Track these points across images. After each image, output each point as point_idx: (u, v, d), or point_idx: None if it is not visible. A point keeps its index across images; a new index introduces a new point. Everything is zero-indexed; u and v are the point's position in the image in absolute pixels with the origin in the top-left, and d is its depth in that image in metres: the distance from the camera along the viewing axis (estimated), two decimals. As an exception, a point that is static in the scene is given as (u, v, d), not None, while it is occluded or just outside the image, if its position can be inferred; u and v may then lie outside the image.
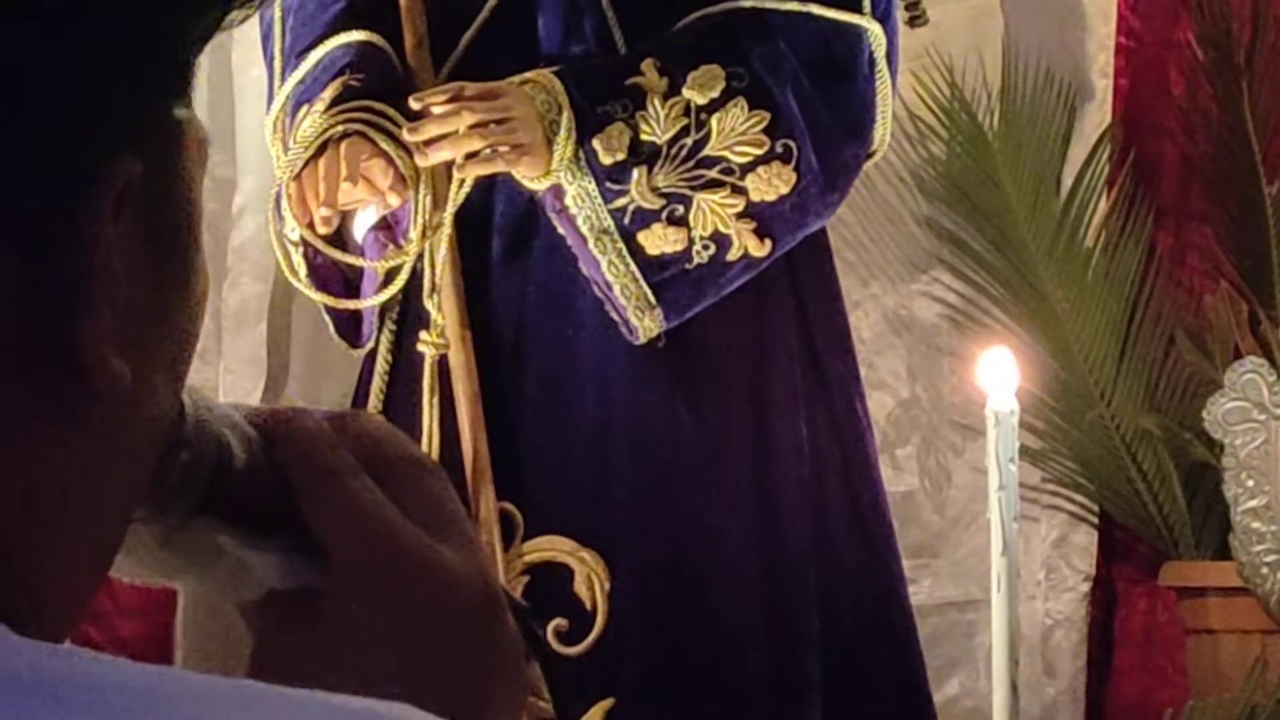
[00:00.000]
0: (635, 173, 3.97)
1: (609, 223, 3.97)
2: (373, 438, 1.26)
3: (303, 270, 4.04)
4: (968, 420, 4.21)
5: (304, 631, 1.22)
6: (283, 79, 4.10)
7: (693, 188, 3.98)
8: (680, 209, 3.97)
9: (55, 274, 1.07)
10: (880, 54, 4.04)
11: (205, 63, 3.53)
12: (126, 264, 1.08)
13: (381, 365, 4.11)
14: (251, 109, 4.33)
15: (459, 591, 1.22)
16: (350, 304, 4.09)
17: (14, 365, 1.06)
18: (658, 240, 3.97)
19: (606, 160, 3.97)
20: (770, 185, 3.98)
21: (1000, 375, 3.81)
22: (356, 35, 4.06)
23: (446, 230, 4.01)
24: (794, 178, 3.98)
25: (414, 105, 3.96)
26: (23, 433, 1.08)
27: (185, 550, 1.24)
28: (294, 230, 4.02)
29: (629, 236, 3.97)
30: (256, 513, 1.24)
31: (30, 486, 1.08)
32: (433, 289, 4.01)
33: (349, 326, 4.15)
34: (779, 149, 3.98)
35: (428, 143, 3.96)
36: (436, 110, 3.96)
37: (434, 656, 1.17)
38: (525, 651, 1.24)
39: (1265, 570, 4.06)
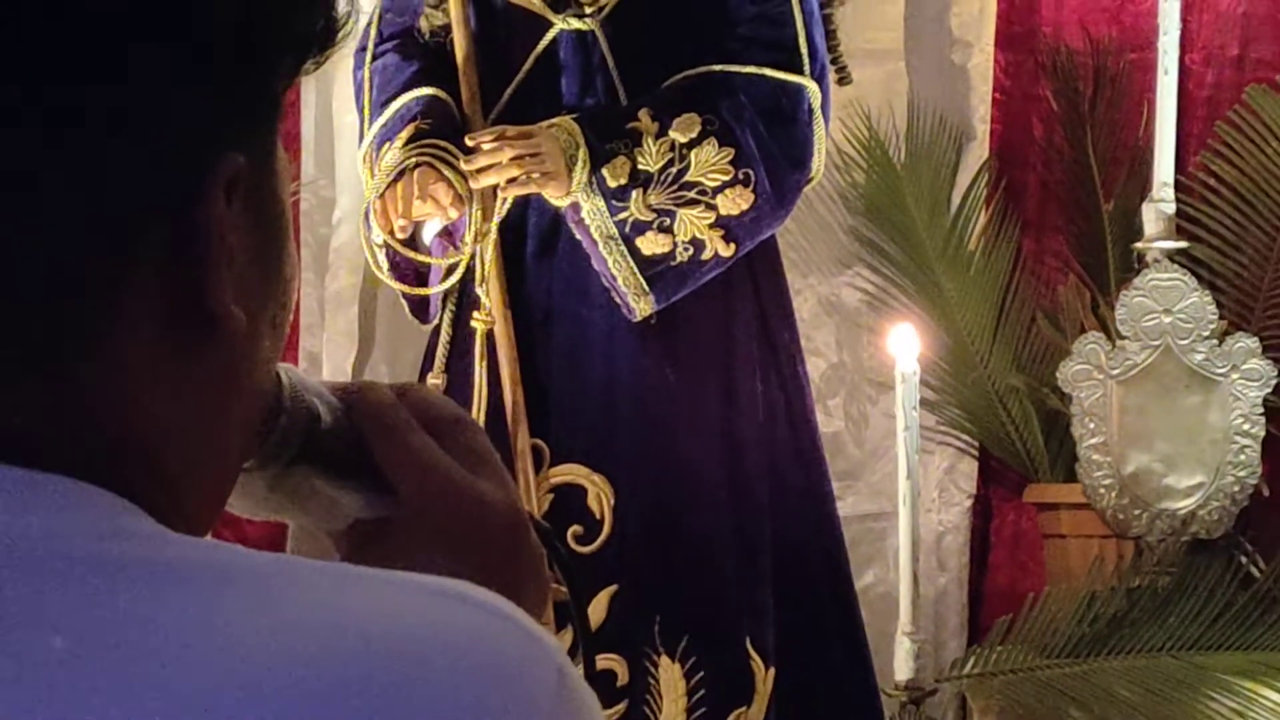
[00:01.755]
0: (634, 194, 3.93)
1: (614, 231, 3.93)
2: (426, 401, 1.27)
3: (385, 266, 4.01)
4: (881, 378, 4.17)
5: (380, 549, 1.22)
6: (371, 123, 4.07)
7: (676, 205, 3.94)
8: (667, 220, 3.94)
9: (187, 242, 1.04)
10: (816, 105, 3.98)
11: (313, 110, 3.46)
12: (238, 240, 1.05)
13: (444, 337, 4.07)
14: (347, 145, 4.29)
15: (495, 515, 1.23)
16: (420, 291, 4.06)
17: (158, 317, 1.04)
18: (651, 244, 3.93)
19: (612, 184, 3.93)
20: (734, 203, 3.94)
21: (905, 345, 3.78)
22: (425, 90, 4.03)
23: (492, 236, 3.98)
24: (752, 198, 3.94)
25: (469, 143, 3.92)
26: (166, 371, 1.05)
27: (288, 492, 1.25)
28: (379, 236, 3.98)
29: (629, 241, 3.93)
30: (340, 461, 1.24)
31: (174, 414, 1.05)
32: (482, 279, 3.98)
33: (420, 308, 4.11)
34: (741, 176, 3.94)
35: (479, 171, 3.91)
36: (485, 146, 3.91)
37: (478, 563, 1.14)
38: (545, 557, 1.25)
39: (1103, 490, 4.07)
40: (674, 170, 3.96)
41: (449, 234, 4.04)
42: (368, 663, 0.96)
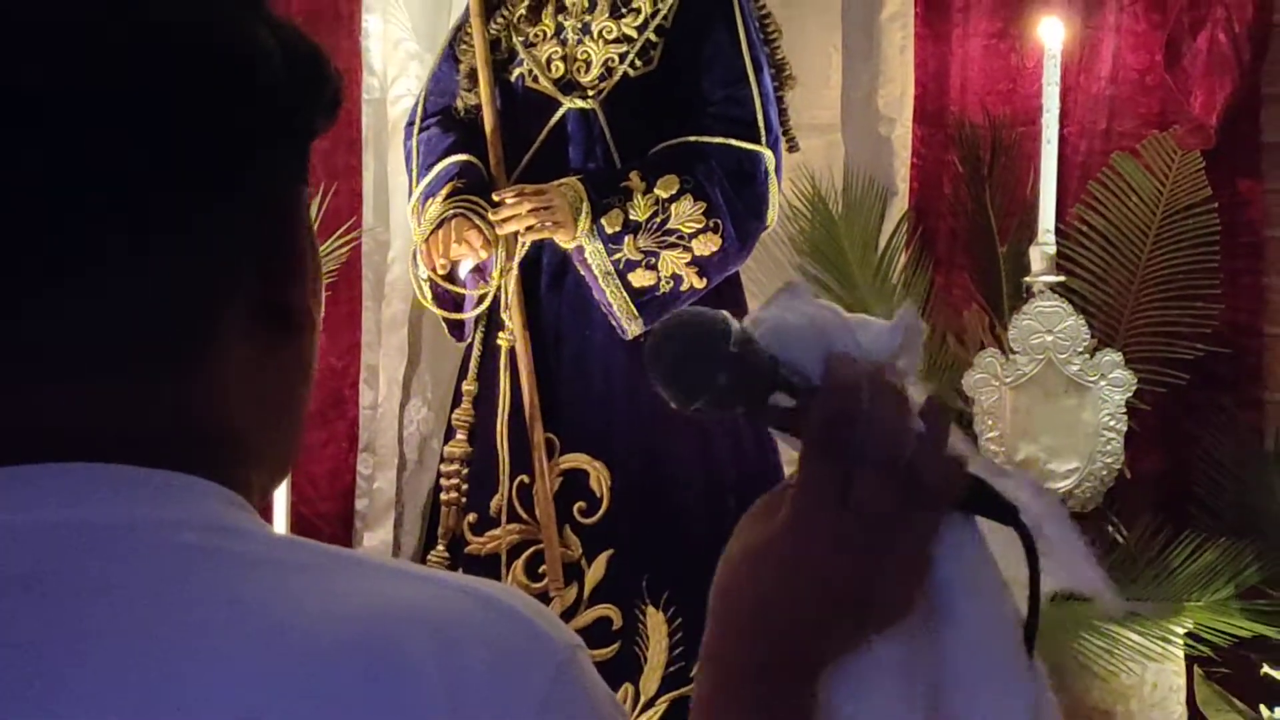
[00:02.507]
0: (626, 238, 3.98)
1: (611, 268, 3.98)
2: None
3: (429, 296, 4.08)
4: None
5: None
6: (418, 182, 4.10)
7: (660, 247, 3.99)
8: (653, 260, 3.99)
9: (277, 261, 1.06)
10: (771, 168, 4.02)
11: (372, 172, 3.49)
12: (310, 252, 1.08)
13: (476, 352, 4.11)
14: (399, 200, 4.29)
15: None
16: (457, 315, 4.10)
17: (250, 321, 1.04)
18: (640, 278, 3.99)
19: (609, 231, 3.98)
20: (706, 246, 3.99)
21: None
22: (461, 156, 4.09)
23: (514, 272, 4.03)
24: (720, 242, 3.98)
25: (495, 198, 3.97)
26: (255, 365, 1.05)
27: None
28: (424, 272, 4.05)
29: (623, 276, 3.99)
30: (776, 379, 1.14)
31: (259, 395, 1.05)
32: (506, 306, 4.05)
33: (456, 329, 4.14)
34: (711, 225, 3.98)
35: (503, 220, 3.95)
36: (508, 201, 3.96)
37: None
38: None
39: None
40: (658, 220, 3.98)
41: (480, 270, 4.06)
42: (402, 634, 0.96)
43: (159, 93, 1.00)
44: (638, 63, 4.11)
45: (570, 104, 4.11)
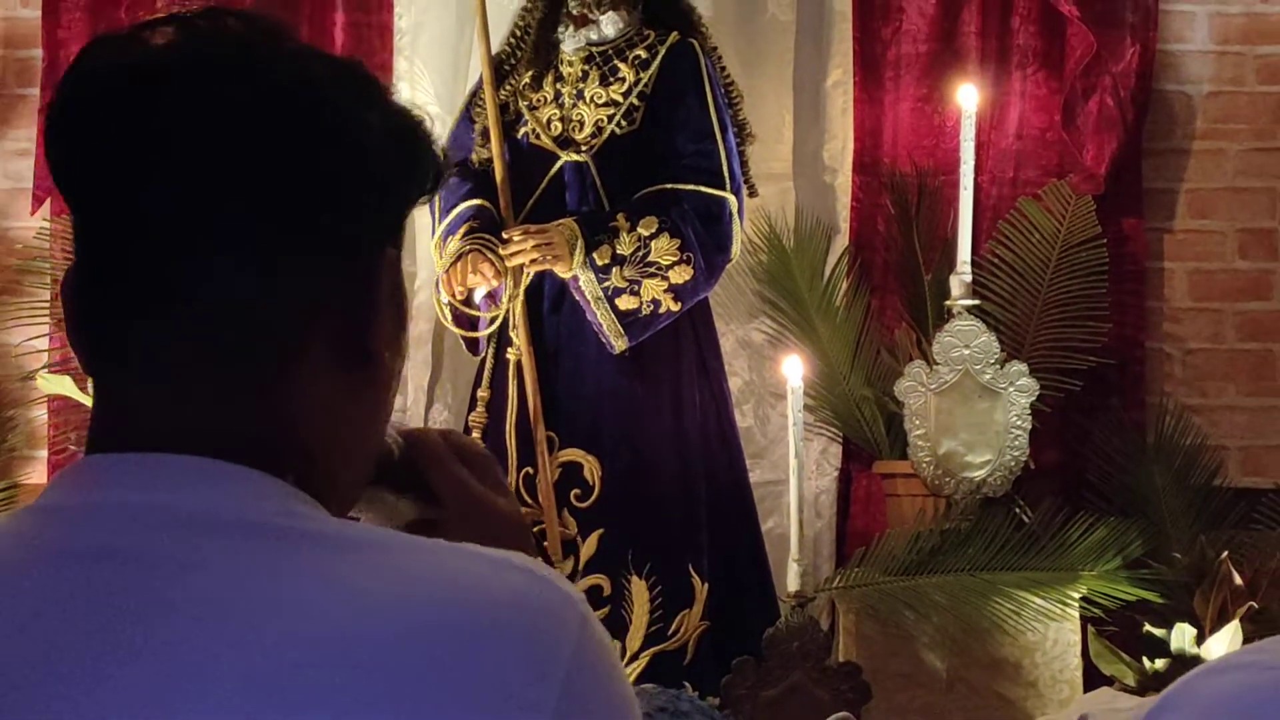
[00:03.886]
0: (614, 270, 3.97)
1: (601, 294, 3.98)
2: (460, 441, 1.23)
3: (449, 317, 4.06)
4: (778, 391, 4.12)
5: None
6: (439, 222, 4.08)
7: (642, 276, 3.97)
8: (636, 287, 3.98)
9: (360, 306, 1.05)
10: (734, 211, 4.01)
11: None
12: (389, 305, 1.06)
13: (489, 364, 4.10)
14: (423, 237, 4.27)
15: (504, 518, 1.20)
16: (472, 334, 4.08)
17: (337, 359, 1.04)
18: (625, 303, 3.98)
19: (600, 263, 3.98)
20: (681, 275, 3.98)
21: (793, 370, 3.82)
22: (475, 201, 4.07)
23: (520, 298, 4.02)
24: (692, 272, 3.98)
25: (505, 236, 3.97)
26: (331, 395, 1.05)
27: (367, 499, 1.19)
28: (445, 298, 4.03)
29: (611, 301, 3.98)
30: (402, 479, 1.20)
31: (338, 430, 1.06)
32: (514, 326, 4.03)
33: (472, 345, 4.12)
34: (685, 258, 3.98)
35: (511, 255, 3.96)
36: (515, 239, 3.96)
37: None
38: (536, 541, 1.27)
39: (925, 464, 4.08)
40: (640, 254, 3.98)
41: (492, 296, 4.05)
42: (452, 602, 0.97)
43: (278, 161, 1.02)
44: (624, 123, 4.11)
45: (567, 157, 4.11)
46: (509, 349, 4.07)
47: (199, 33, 1.03)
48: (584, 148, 4.10)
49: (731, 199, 4.04)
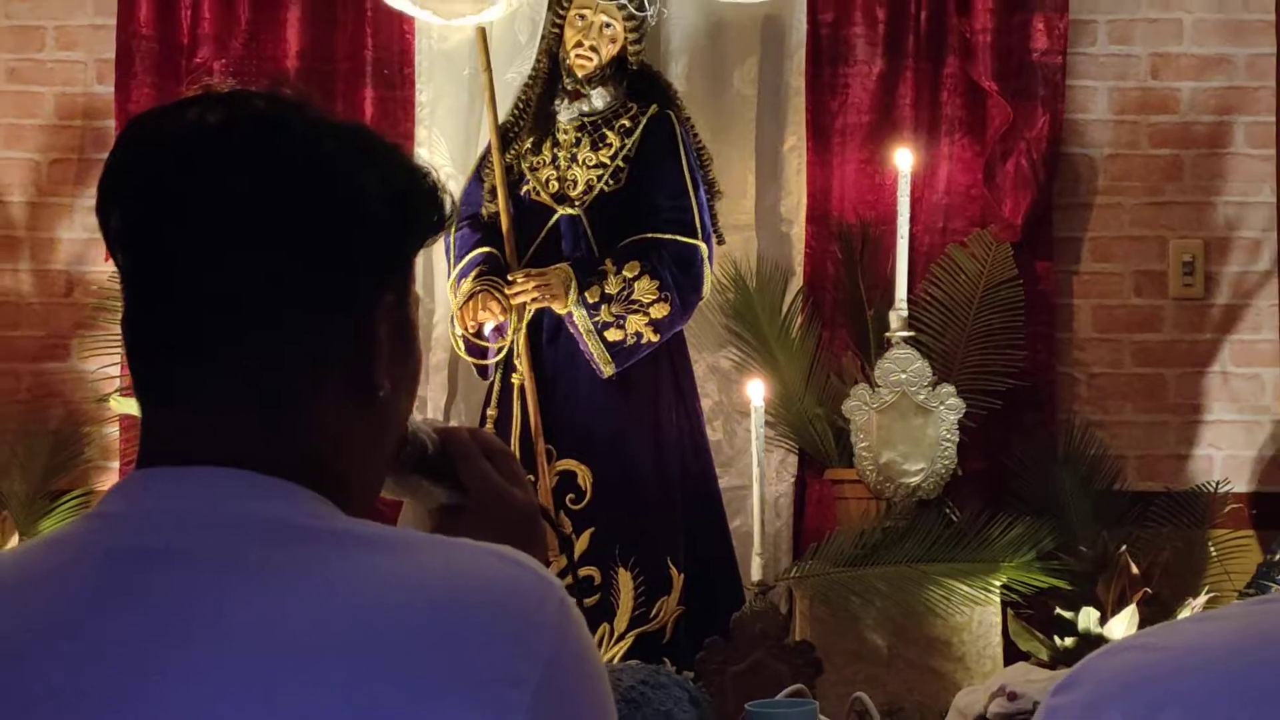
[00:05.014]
0: (603, 307, 3.97)
1: (592, 328, 3.98)
2: (486, 439, 1.24)
3: (463, 348, 4.05)
4: (743, 410, 4.08)
5: (456, 523, 1.20)
6: (454, 267, 4.09)
7: (627, 312, 3.97)
8: (622, 322, 3.98)
9: (365, 343, 1.06)
10: (705, 256, 4.03)
11: (421, 260, 3.41)
12: (389, 343, 1.07)
13: (496, 388, 4.09)
14: (440, 280, 4.26)
15: (521, 508, 1.22)
16: (482, 362, 4.09)
17: (348, 385, 1.05)
18: (613, 335, 3.98)
19: (591, 301, 3.97)
20: (659, 311, 3.98)
21: (756, 391, 3.80)
22: (484, 249, 4.07)
23: (523, 331, 4.02)
24: (669, 309, 3.98)
25: (510, 278, 3.99)
26: (345, 421, 1.06)
27: (408, 486, 1.21)
28: (459, 331, 4.04)
29: (600, 333, 3.98)
30: (437, 471, 1.21)
31: (352, 449, 1.07)
32: (517, 355, 4.03)
33: (482, 371, 4.13)
34: (663, 296, 3.98)
35: (515, 294, 3.97)
36: (519, 281, 3.98)
37: (510, 534, 1.10)
38: (546, 529, 1.21)
39: (869, 472, 4.06)
40: (625, 293, 3.98)
41: (499, 330, 4.04)
42: (454, 593, 0.98)
43: (290, 223, 1.02)
44: (611, 182, 4.11)
45: (563, 211, 4.11)
46: (513, 374, 4.07)
47: (228, 111, 1.04)
48: (577, 203, 4.10)
49: (703, 246, 4.06)
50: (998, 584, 4.00)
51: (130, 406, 4.17)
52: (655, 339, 4.03)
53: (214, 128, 1.03)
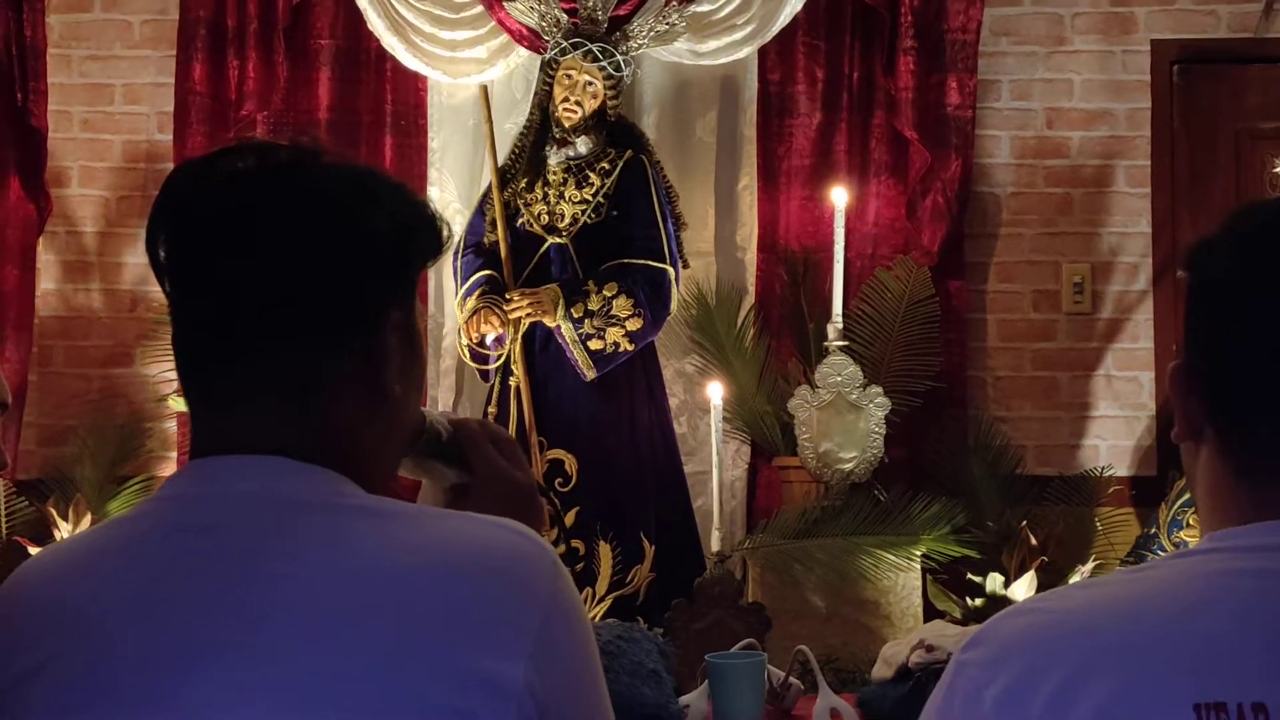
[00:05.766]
0: (586, 321, 3.96)
1: (577, 339, 3.97)
2: (493, 428, 1.22)
3: (468, 356, 4.05)
4: (705, 408, 4.06)
5: (466, 500, 1.18)
6: (460, 286, 4.09)
7: (606, 326, 3.97)
8: (603, 334, 3.97)
9: (376, 353, 1.05)
10: (673, 279, 4.03)
11: (433, 281, 3.44)
12: (397, 352, 1.06)
13: (497, 389, 4.08)
14: (448, 297, 4.24)
15: (522, 487, 1.20)
16: (484, 367, 4.07)
17: (366, 390, 1.05)
18: (595, 345, 3.97)
19: (576, 316, 3.96)
20: (634, 325, 3.96)
21: (716, 391, 3.73)
22: (486, 272, 4.06)
23: (519, 341, 4.01)
24: (642, 323, 3.97)
25: (507, 297, 3.98)
26: (361, 417, 1.06)
27: (424, 468, 1.20)
28: (465, 341, 4.04)
29: (584, 344, 3.97)
30: (450, 455, 1.20)
31: (369, 440, 1.06)
32: (514, 361, 4.02)
33: (484, 376, 4.12)
34: (638, 312, 3.97)
35: (512, 310, 3.96)
36: (515, 299, 3.98)
37: (512, 509, 1.08)
38: (545, 505, 1.25)
39: (809, 459, 4.05)
40: (605, 309, 3.97)
41: (498, 340, 4.03)
42: (464, 555, 0.99)
43: (310, 254, 1.02)
44: (593, 216, 4.09)
45: (552, 240, 4.10)
46: (511, 377, 4.06)
47: (258, 160, 1.04)
48: (565, 234, 4.09)
49: (671, 270, 4.05)
50: (918, 554, 4.00)
51: (184, 405, 4.15)
52: (631, 348, 4.02)
53: (245, 174, 1.04)
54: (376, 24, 4.44)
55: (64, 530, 4.00)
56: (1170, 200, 4.56)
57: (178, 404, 4.28)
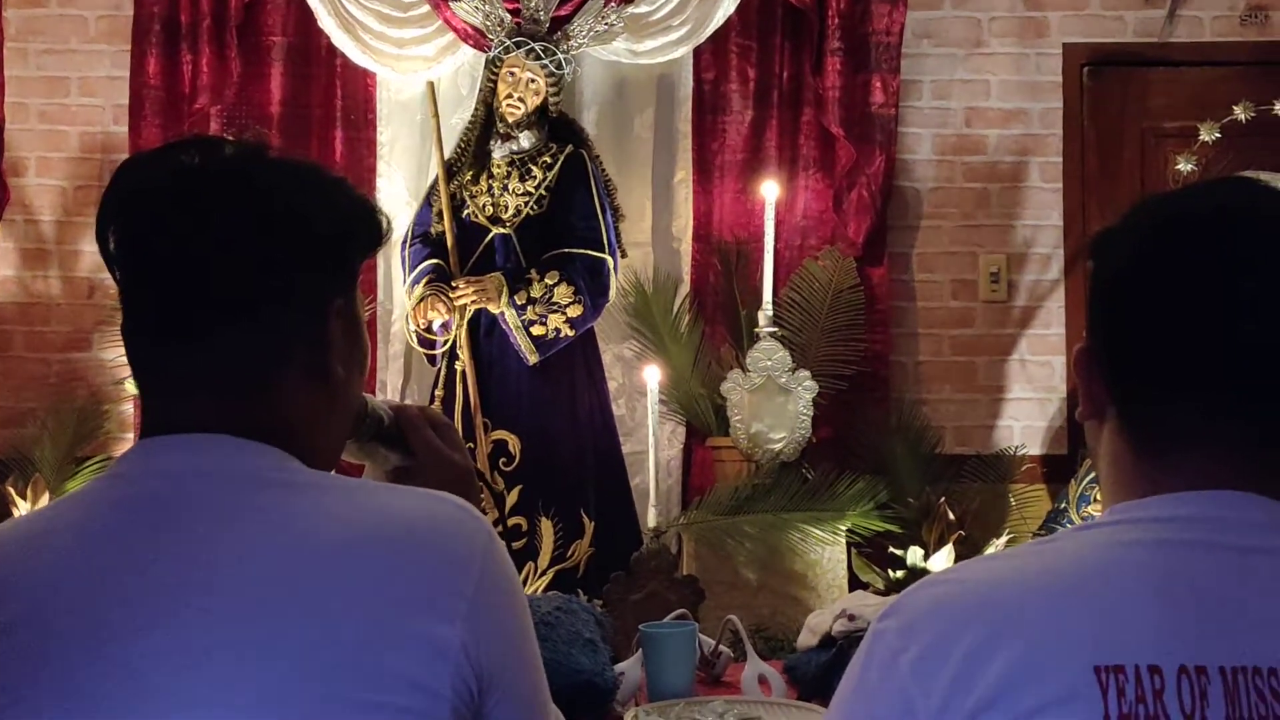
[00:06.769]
0: (529, 308, 3.95)
1: (520, 325, 3.95)
2: (432, 414, 1.23)
3: (415, 341, 4.03)
4: (642, 390, 4.04)
5: (407, 482, 1.18)
6: (409, 274, 4.06)
7: (548, 312, 3.95)
8: (545, 320, 3.95)
9: (319, 339, 1.06)
10: (611, 268, 4.02)
11: (382, 268, 3.42)
12: (340, 337, 1.07)
13: (444, 373, 4.05)
14: (397, 285, 4.20)
15: (460, 470, 1.20)
16: (432, 352, 4.05)
17: (310, 373, 1.06)
18: (537, 330, 3.95)
19: (519, 303, 3.95)
20: (575, 311, 3.95)
21: (653, 375, 3.75)
22: (433, 261, 4.03)
23: (464, 327, 3.98)
24: (582, 309, 3.97)
25: (454, 285, 3.96)
26: (311, 399, 1.06)
27: (367, 451, 1.20)
28: (413, 327, 4.01)
29: (527, 329, 3.95)
30: (392, 439, 1.20)
31: (314, 421, 1.07)
32: (460, 346, 4.00)
33: (431, 360, 4.10)
34: (577, 299, 3.96)
35: (457, 297, 3.94)
36: (461, 286, 3.96)
37: (451, 490, 1.07)
38: (482, 486, 1.25)
39: (742, 439, 4.04)
40: (547, 296, 3.95)
41: (445, 326, 4.01)
42: (404, 524, 0.99)
43: (255, 243, 1.02)
44: (535, 208, 4.07)
45: (496, 231, 4.07)
46: (457, 362, 4.03)
47: (203, 154, 1.04)
48: (508, 225, 4.07)
49: (609, 260, 4.05)
50: (844, 529, 4.01)
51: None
52: (571, 334, 4.00)
53: (192, 168, 1.03)
54: (327, 22, 4.40)
55: (23, 509, 3.96)
56: (1080, 195, 4.60)
57: (135, 387, 4.22)
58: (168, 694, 0.92)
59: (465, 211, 4.10)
